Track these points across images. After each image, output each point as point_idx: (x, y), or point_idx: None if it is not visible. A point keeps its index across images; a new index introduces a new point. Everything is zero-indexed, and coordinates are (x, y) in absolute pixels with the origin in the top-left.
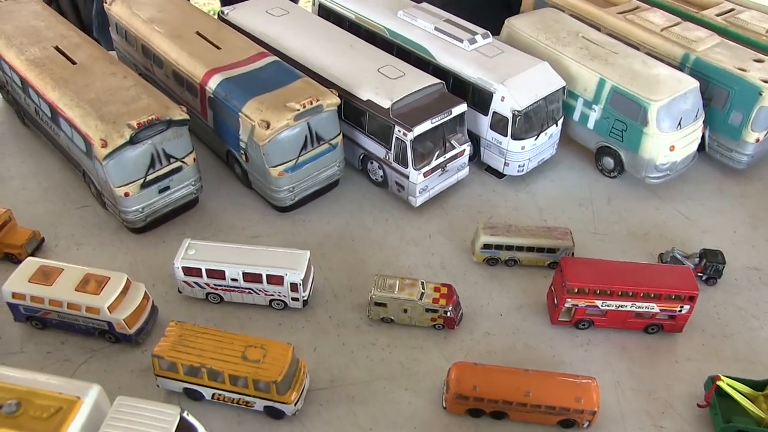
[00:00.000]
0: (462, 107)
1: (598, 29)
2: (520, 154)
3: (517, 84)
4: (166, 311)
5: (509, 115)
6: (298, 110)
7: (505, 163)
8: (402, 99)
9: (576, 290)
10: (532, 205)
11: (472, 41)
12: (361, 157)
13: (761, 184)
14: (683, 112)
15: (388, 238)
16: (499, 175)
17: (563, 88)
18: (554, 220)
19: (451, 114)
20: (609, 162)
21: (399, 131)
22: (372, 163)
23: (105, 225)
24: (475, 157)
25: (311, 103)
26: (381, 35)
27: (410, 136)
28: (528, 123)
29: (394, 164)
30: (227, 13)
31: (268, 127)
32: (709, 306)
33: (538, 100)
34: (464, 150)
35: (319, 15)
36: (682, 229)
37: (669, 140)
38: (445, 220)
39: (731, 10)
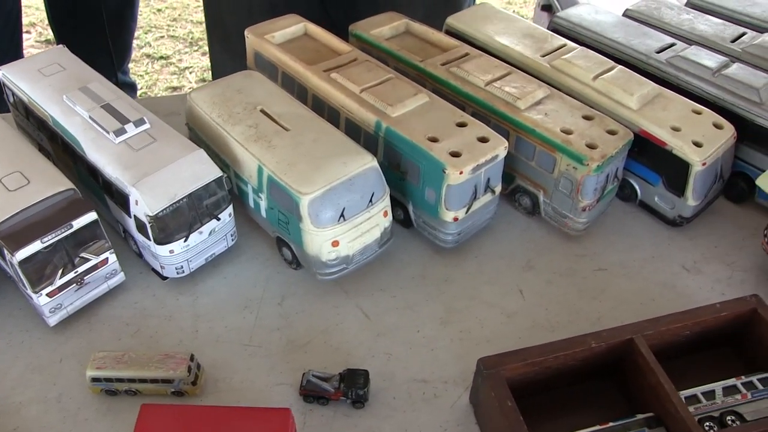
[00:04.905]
0: (89, 217)
1: (305, 92)
2: (171, 257)
3: (151, 184)
4: None
5: (145, 220)
6: None
7: (161, 266)
8: (13, 216)
9: None
10: (188, 313)
11: (120, 132)
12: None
13: (474, 263)
14: (347, 201)
15: (14, 366)
16: (162, 276)
17: (219, 178)
18: (209, 330)
19: (72, 227)
20: (287, 253)
21: (7, 254)
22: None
23: None
24: (142, 256)
25: None
26: (48, 124)
27: (15, 260)
28: (171, 225)
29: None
30: None
31: None
32: None
33: (179, 200)
34: (107, 259)
35: (7, 100)
36: (354, 333)
37: (329, 236)
38: (85, 339)
39: (464, 55)
